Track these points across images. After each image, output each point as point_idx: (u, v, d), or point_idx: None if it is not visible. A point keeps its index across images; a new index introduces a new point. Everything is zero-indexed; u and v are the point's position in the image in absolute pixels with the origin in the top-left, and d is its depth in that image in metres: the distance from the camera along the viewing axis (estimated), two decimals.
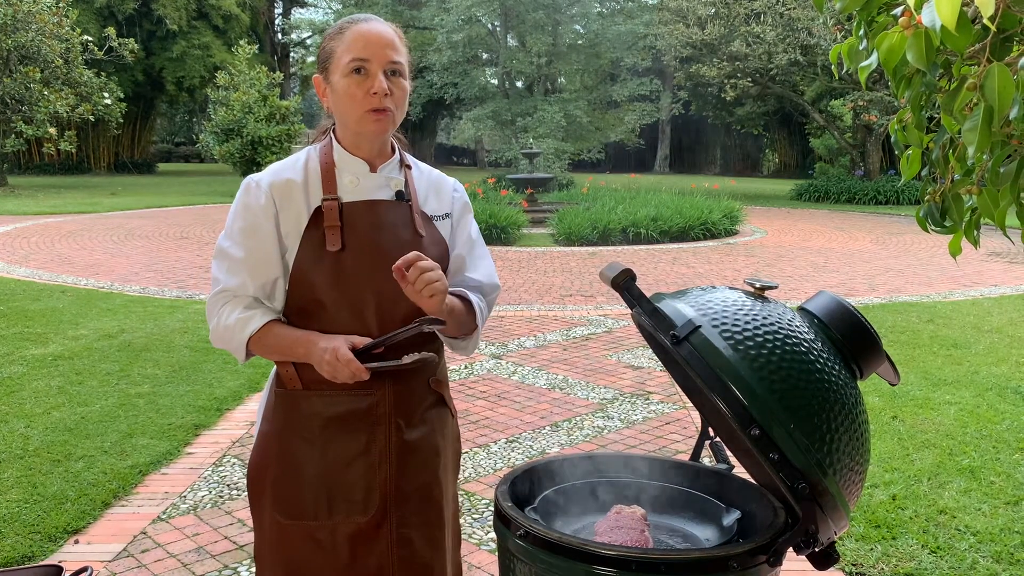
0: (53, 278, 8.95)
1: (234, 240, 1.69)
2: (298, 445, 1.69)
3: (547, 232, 13.58)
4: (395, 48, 1.66)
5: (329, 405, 1.68)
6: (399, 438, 1.70)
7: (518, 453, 4.10)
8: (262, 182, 1.70)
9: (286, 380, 1.71)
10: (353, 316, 1.66)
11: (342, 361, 1.57)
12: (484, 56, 29.44)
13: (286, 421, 1.71)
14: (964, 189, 1.54)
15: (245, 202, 1.70)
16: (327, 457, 1.68)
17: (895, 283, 9.27)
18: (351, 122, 1.68)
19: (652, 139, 38.24)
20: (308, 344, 1.63)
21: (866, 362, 1.54)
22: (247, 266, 1.67)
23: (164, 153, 43.04)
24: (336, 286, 1.65)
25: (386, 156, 1.76)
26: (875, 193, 20.95)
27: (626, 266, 1.45)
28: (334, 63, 1.66)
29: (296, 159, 1.75)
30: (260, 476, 1.74)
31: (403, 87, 1.68)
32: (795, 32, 20.47)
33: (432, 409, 1.77)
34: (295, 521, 1.69)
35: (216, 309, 1.70)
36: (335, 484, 1.68)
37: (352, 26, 1.67)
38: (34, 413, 4.54)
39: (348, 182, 1.70)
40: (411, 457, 1.72)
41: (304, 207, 1.68)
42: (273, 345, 1.68)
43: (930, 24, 1.18)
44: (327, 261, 1.65)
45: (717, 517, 1.69)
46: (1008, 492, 3.60)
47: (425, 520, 1.74)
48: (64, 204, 18.02)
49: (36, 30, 19.94)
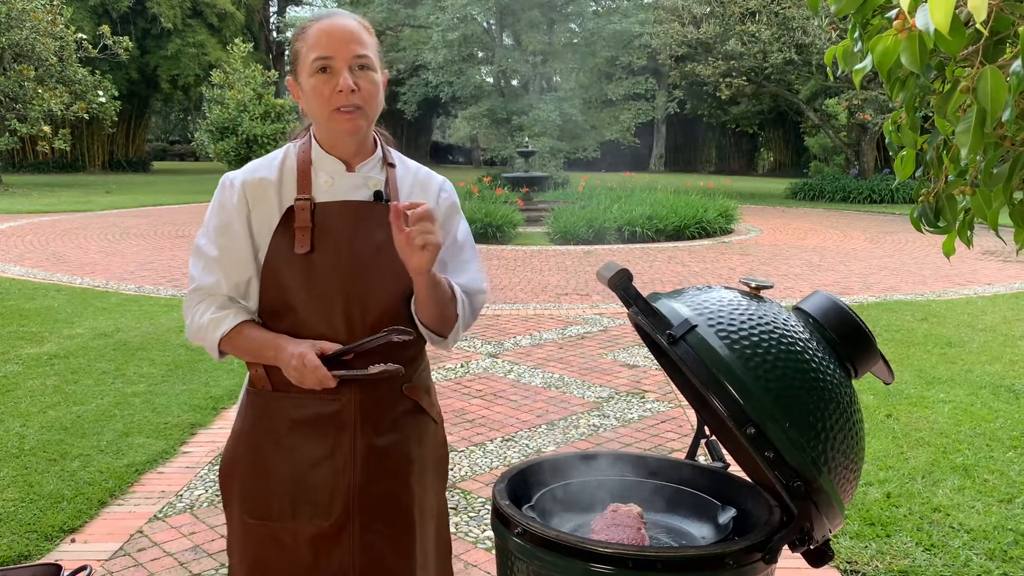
0: (48, 277, 8.94)
1: (209, 238, 1.67)
2: (266, 445, 1.69)
3: (542, 231, 13.59)
4: (359, 42, 1.61)
5: (296, 407, 1.67)
6: (366, 443, 1.67)
7: (514, 452, 4.11)
8: (236, 180, 1.68)
9: (256, 380, 1.71)
10: (322, 319, 1.63)
11: (308, 367, 1.56)
12: (479, 55, 29.39)
13: (255, 421, 1.71)
14: (958, 190, 1.55)
15: (220, 200, 1.68)
16: (293, 459, 1.67)
17: (890, 282, 9.30)
18: (322, 122, 1.65)
19: (647, 138, 38.25)
20: (277, 348, 1.62)
21: (861, 361, 1.56)
22: (221, 265, 1.66)
23: (159, 151, 42.94)
24: (305, 288, 1.63)
25: (366, 154, 1.72)
26: (870, 192, 21.00)
27: (623, 266, 1.46)
28: (300, 63, 1.63)
29: (273, 157, 1.72)
30: (229, 473, 1.74)
31: (372, 80, 1.63)
32: (790, 31, 20.51)
33: (406, 416, 1.73)
34: (260, 521, 1.69)
35: (191, 307, 1.70)
36: (300, 486, 1.67)
37: (314, 24, 1.64)
38: (30, 412, 4.54)
39: (323, 182, 1.67)
40: (378, 463, 1.69)
41: (276, 206, 1.66)
42: (244, 347, 1.66)
43: (924, 27, 1.19)
44: (296, 263, 1.63)
45: (713, 515, 1.70)
46: (1001, 490, 3.62)
47: (391, 527, 1.71)
48: (58, 203, 17.98)
49: (30, 28, 19.88)
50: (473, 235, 1.87)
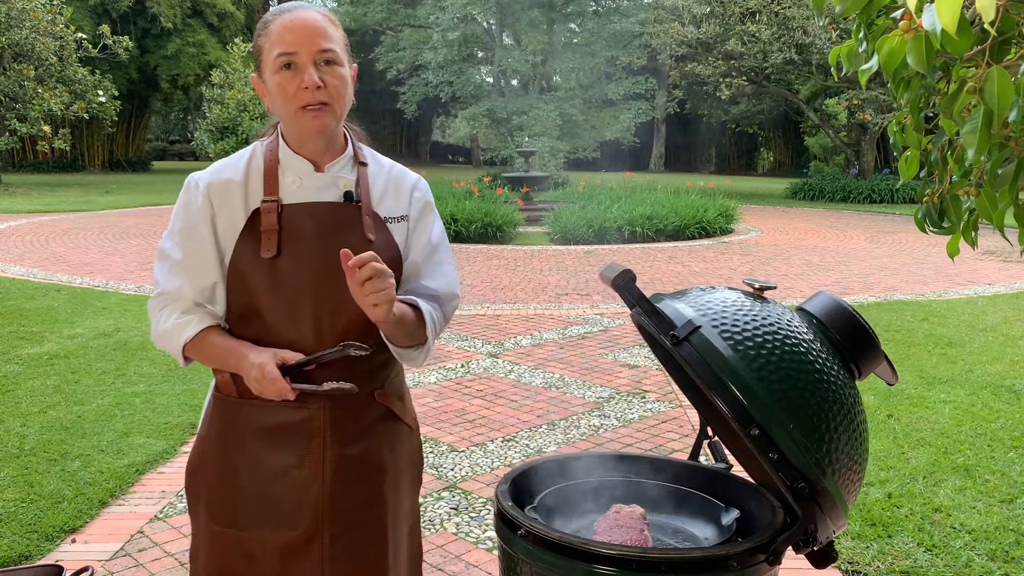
0: (48, 277, 8.93)
1: (174, 241, 1.62)
2: (232, 453, 1.64)
3: (542, 231, 13.58)
4: (324, 35, 1.54)
5: (263, 416, 1.61)
6: (336, 453, 1.62)
7: (515, 452, 4.10)
8: (201, 181, 1.63)
9: (222, 386, 1.66)
10: (290, 325, 1.58)
11: (267, 379, 1.51)
12: (479, 54, 29.41)
13: (222, 428, 1.66)
14: (962, 191, 1.55)
15: (184, 202, 1.63)
16: (260, 468, 1.62)
17: (890, 282, 9.29)
18: (288, 120, 1.59)
19: (647, 138, 38.25)
20: (239, 356, 1.57)
21: (864, 362, 1.55)
22: (185, 269, 1.61)
23: (159, 151, 42.90)
24: (272, 294, 1.58)
25: (336, 152, 1.65)
26: (870, 192, 21.00)
27: (625, 266, 1.45)
28: (264, 60, 1.57)
29: (240, 156, 1.66)
30: (196, 479, 1.70)
31: (339, 75, 1.56)
32: (790, 31, 20.50)
33: (378, 423, 1.68)
34: (226, 529, 1.64)
35: (155, 312, 1.65)
36: (266, 496, 1.62)
37: (276, 18, 1.56)
38: (30, 412, 4.53)
39: (291, 182, 1.61)
40: (350, 473, 1.63)
41: (242, 209, 1.60)
42: (207, 353, 1.62)
43: (930, 27, 1.19)
44: (263, 267, 1.57)
45: (716, 516, 1.69)
46: (1003, 490, 3.62)
47: (362, 539, 1.66)
48: (58, 202, 17.98)
49: (30, 28, 19.87)
50: (473, 235, 1.84)
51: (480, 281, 9.21)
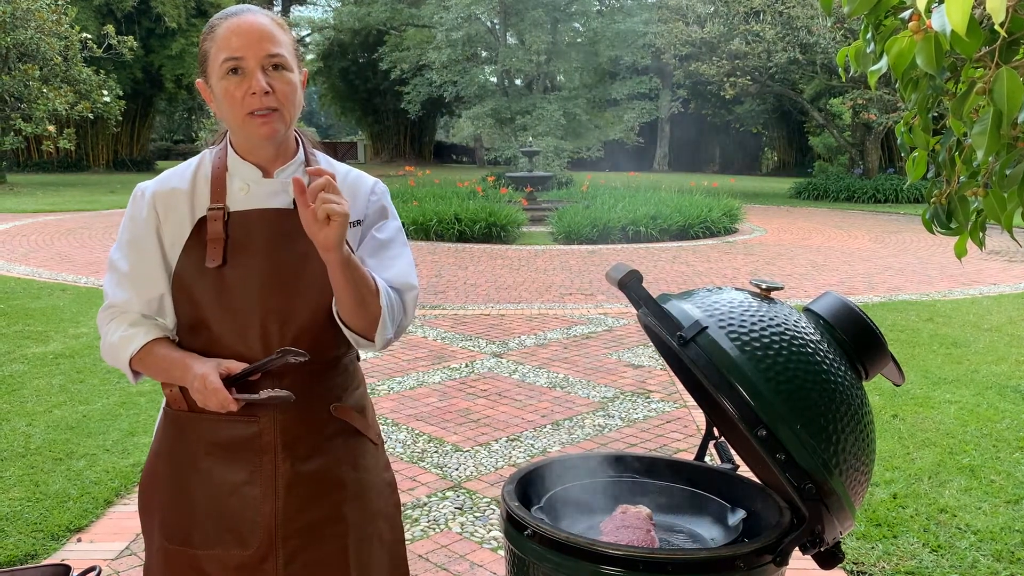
0: (53, 276, 8.95)
1: (122, 252, 1.59)
2: (184, 470, 1.60)
3: (546, 230, 13.58)
4: (272, 39, 1.50)
5: (213, 430, 1.57)
6: (289, 469, 1.57)
7: (519, 452, 4.10)
8: (147, 191, 1.60)
9: (172, 401, 1.62)
10: (237, 336, 1.54)
11: (209, 389, 1.48)
12: (483, 54, 29.40)
13: (173, 444, 1.62)
14: (970, 191, 1.54)
15: (131, 213, 1.60)
16: (212, 484, 1.57)
17: (894, 281, 9.28)
18: (236, 127, 1.54)
19: (651, 137, 38.22)
20: (184, 367, 1.53)
21: (872, 363, 1.55)
22: (132, 281, 1.58)
23: (163, 151, 42.95)
24: (218, 304, 1.53)
25: (286, 158, 1.61)
26: (874, 191, 20.96)
27: (632, 267, 1.45)
28: (210, 65, 1.52)
29: (188, 165, 1.63)
30: (148, 497, 1.67)
31: (288, 80, 1.52)
32: (794, 31, 20.48)
33: (336, 438, 1.62)
34: (181, 548, 1.59)
35: (104, 325, 1.62)
36: (220, 513, 1.57)
37: (223, 22, 1.52)
38: (36, 411, 4.54)
39: (238, 189, 1.57)
40: (305, 490, 1.58)
41: (188, 218, 1.56)
42: (154, 366, 1.58)
43: (940, 28, 1.19)
44: (208, 277, 1.53)
45: (722, 517, 1.69)
46: (1008, 491, 3.61)
47: (320, 558, 1.60)
48: (63, 202, 18.01)
49: (35, 28, 19.90)
50: (477, 235, 1.80)
51: (484, 281, 9.22)
